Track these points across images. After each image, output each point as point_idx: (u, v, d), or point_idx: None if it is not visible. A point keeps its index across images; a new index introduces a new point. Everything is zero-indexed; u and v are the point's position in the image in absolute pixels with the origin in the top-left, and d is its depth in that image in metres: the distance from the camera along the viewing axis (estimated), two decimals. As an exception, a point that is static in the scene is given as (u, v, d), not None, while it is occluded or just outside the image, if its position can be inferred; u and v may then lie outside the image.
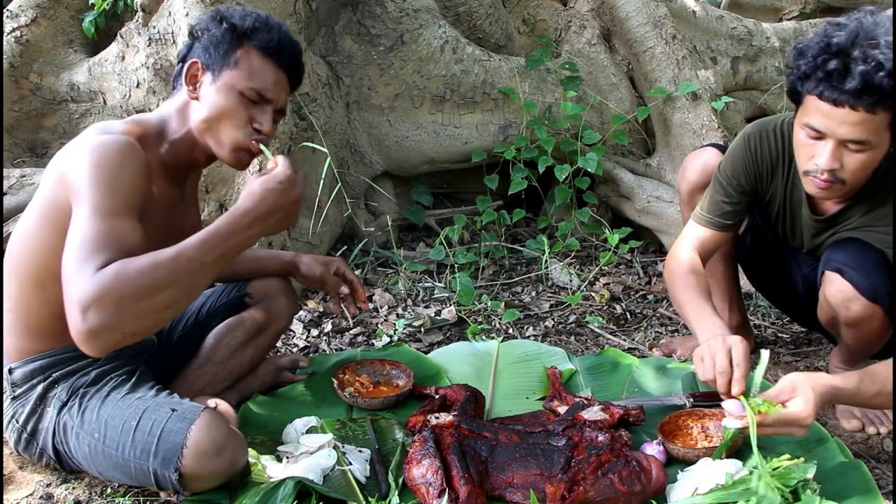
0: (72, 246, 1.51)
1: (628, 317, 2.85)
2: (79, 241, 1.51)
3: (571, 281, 3.06)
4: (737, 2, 4.89)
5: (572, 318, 2.80)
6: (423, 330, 2.68)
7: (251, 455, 1.77)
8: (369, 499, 1.69)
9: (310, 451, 1.82)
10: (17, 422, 1.78)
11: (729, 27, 4.15)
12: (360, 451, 1.87)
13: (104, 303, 1.44)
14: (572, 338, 2.68)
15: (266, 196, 1.61)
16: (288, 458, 1.82)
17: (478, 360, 2.40)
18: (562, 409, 2.04)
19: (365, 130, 3.33)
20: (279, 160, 1.66)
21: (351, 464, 1.79)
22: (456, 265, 3.08)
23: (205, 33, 1.78)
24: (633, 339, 2.65)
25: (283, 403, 2.13)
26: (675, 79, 3.41)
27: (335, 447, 1.84)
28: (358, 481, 1.75)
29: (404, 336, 2.65)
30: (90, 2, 3.16)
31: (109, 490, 1.80)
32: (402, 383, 2.21)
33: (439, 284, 3.01)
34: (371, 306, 2.84)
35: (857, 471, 1.77)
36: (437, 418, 1.95)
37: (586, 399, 2.06)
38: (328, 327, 2.70)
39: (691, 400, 2.10)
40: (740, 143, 2.07)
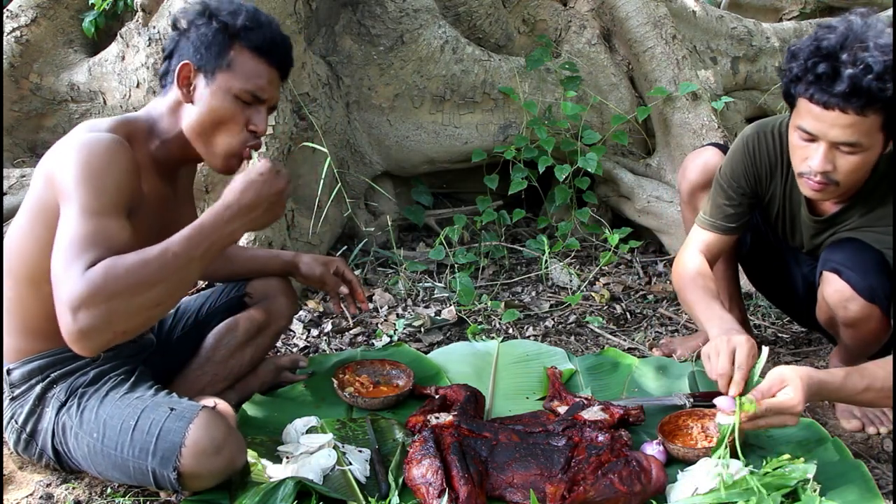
0: (60, 246, 1.50)
1: (628, 317, 2.85)
2: (67, 242, 1.50)
3: (571, 281, 3.06)
4: (737, 2, 4.89)
5: (572, 318, 2.80)
6: (423, 330, 2.68)
7: (251, 455, 1.77)
8: (369, 499, 1.69)
9: (310, 451, 1.82)
10: (17, 422, 1.78)
11: (729, 27, 4.15)
12: (360, 451, 1.87)
13: (94, 302, 1.44)
14: (572, 338, 2.68)
15: (248, 188, 1.61)
16: (288, 458, 1.81)
17: (478, 360, 2.40)
18: (562, 409, 2.04)
19: (365, 130, 3.32)
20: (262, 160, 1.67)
21: (351, 464, 1.79)
22: (456, 265, 3.08)
23: (192, 29, 1.74)
24: (633, 339, 2.65)
25: (283, 403, 2.13)
26: (675, 79, 3.41)
27: (335, 447, 1.83)
28: (358, 481, 1.75)
29: (404, 336, 2.64)
30: (90, 2, 3.16)
31: (109, 490, 1.80)
32: (402, 383, 2.21)
33: (439, 284, 3.01)
34: (371, 306, 2.84)
35: (857, 471, 1.77)
36: (437, 418, 1.95)
37: (586, 399, 2.06)
38: (328, 327, 2.70)
39: (691, 400, 2.10)
40: (739, 146, 2.08)
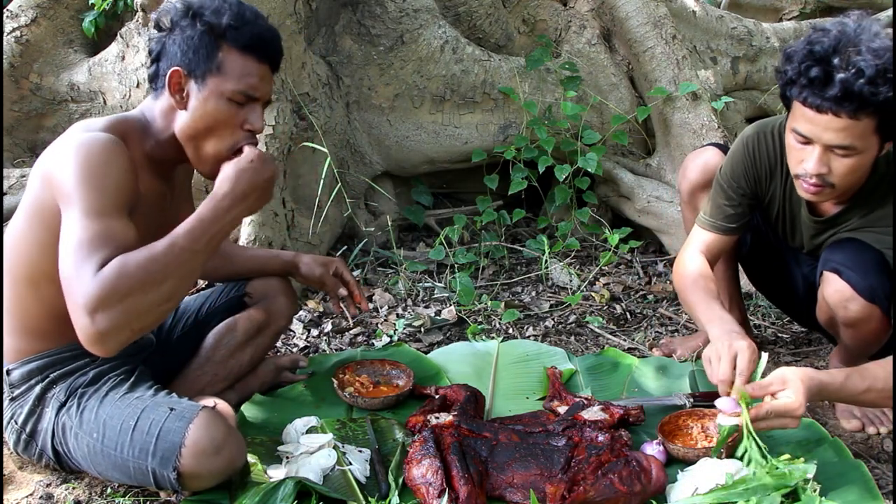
0: (67, 249, 1.50)
1: (628, 317, 2.84)
2: (74, 244, 1.50)
3: (571, 281, 3.06)
4: (737, 2, 4.89)
5: (572, 318, 2.80)
6: (423, 330, 2.68)
7: (251, 456, 1.77)
8: (369, 499, 1.69)
9: (310, 451, 1.82)
10: (16, 423, 1.78)
11: (729, 27, 4.15)
12: (360, 451, 1.87)
13: (110, 302, 1.45)
14: (572, 338, 2.68)
15: (240, 176, 1.64)
16: (288, 458, 1.82)
17: (478, 360, 2.40)
18: (562, 409, 2.03)
19: (365, 130, 3.32)
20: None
21: (351, 464, 1.79)
22: (456, 265, 3.08)
23: (178, 31, 1.70)
24: (633, 339, 2.65)
25: (283, 403, 2.13)
26: (675, 79, 3.41)
27: (335, 447, 1.83)
28: (358, 481, 1.75)
29: (404, 336, 2.64)
30: (90, 2, 3.16)
31: (109, 490, 1.80)
32: (402, 383, 2.21)
33: (439, 284, 3.01)
34: (371, 306, 2.84)
35: (857, 471, 1.77)
36: (437, 418, 1.95)
37: (586, 399, 2.06)
38: (328, 327, 2.70)
39: (691, 400, 2.10)
40: (739, 147, 2.08)
